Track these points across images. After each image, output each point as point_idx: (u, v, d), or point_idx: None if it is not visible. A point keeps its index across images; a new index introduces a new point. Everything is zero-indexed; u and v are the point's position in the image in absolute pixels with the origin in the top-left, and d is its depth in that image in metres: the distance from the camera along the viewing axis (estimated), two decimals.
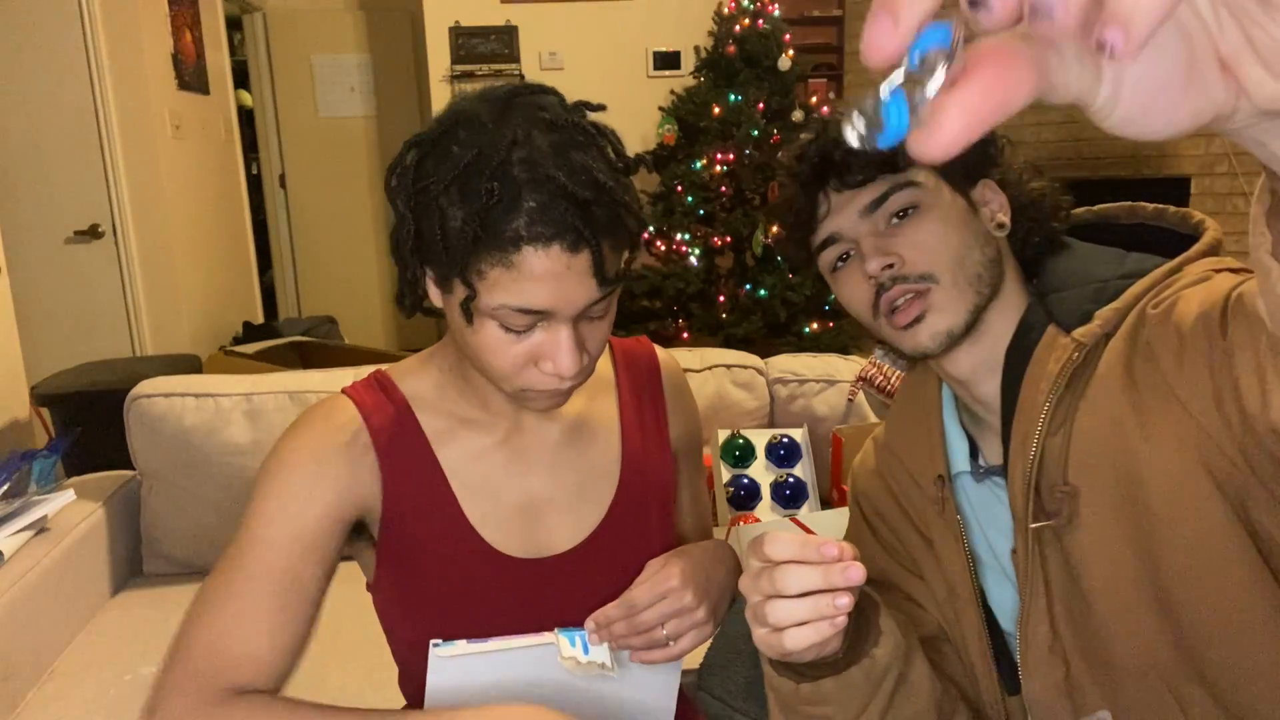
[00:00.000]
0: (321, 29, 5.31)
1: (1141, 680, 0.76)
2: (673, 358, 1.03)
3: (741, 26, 4.36)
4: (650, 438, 0.96)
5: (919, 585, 0.93)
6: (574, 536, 0.90)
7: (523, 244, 0.71)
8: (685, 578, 0.83)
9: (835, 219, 0.86)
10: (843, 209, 0.85)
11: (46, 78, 3.29)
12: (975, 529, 0.89)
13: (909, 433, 0.94)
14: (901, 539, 0.95)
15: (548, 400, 0.82)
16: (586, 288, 0.74)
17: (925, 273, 0.81)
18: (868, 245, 0.83)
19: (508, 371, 0.78)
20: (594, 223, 0.72)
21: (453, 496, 0.87)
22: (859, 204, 0.84)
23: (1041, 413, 0.78)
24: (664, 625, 0.82)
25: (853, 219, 0.85)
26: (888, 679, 0.78)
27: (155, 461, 1.81)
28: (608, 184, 0.73)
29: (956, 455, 0.90)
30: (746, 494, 1.83)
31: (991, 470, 0.87)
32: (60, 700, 1.48)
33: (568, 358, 0.76)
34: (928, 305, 0.81)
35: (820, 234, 0.88)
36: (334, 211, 5.35)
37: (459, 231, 0.71)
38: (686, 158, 4.44)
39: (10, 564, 1.53)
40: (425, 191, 0.74)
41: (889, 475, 0.96)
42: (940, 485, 0.89)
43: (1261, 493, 0.68)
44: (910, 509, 0.94)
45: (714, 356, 1.98)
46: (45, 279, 3.37)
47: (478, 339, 0.77)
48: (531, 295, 0.73)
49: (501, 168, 0.71)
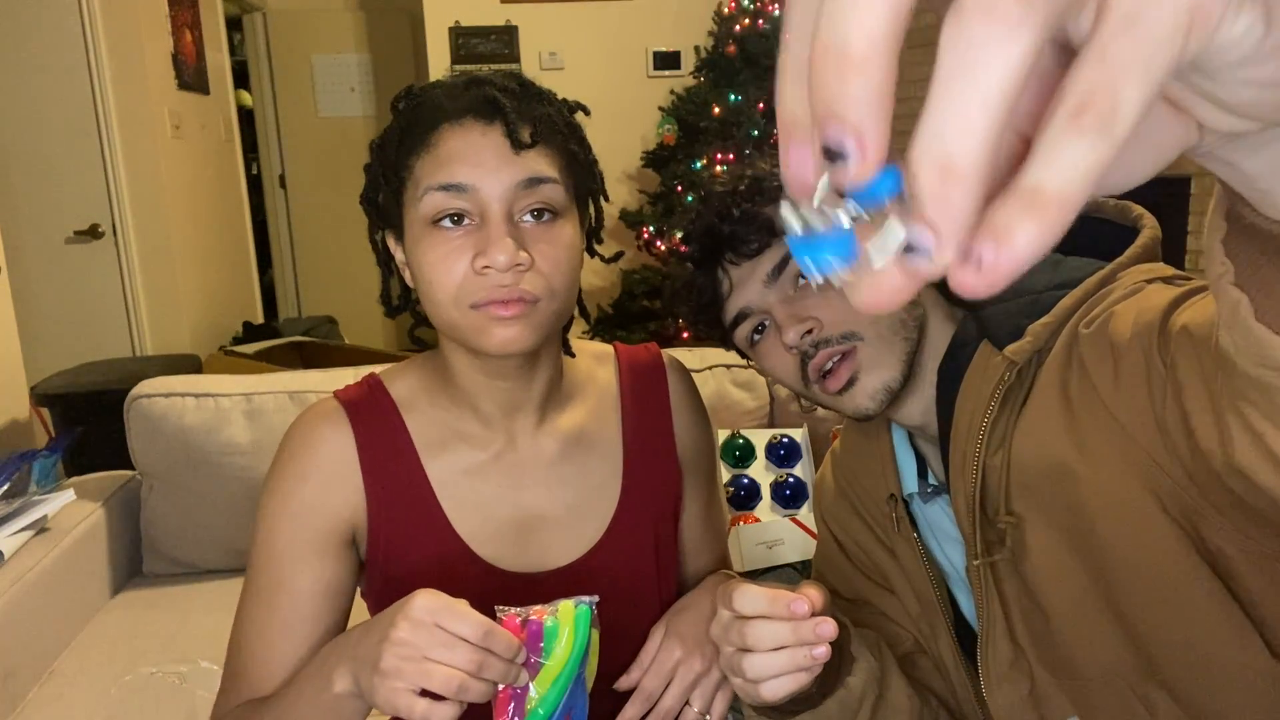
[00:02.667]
0: (321, 29, 5.31)
1: (1106, 686, 0.75)
2: (681, 364, 1.00)
3: (741, 26, 4.36)
4: (654, 450, 0.93)
5: (891, 601, 0.92)
6: (571, 552, 0.88)
7: (440, 123, 0.76)
8: (687, 643, 0.81)
9: (740, 293, 0.82)
10: (745, 281, 0.81)
11: (46, 78, 3.29)
12: (934, 544, 0.88)
13: (861, 451, 0.92)
14: (870, 556, 0.93)
15: (500, 313, 0.75)
16: (505, 160, 0.75)
17: (847, 331, 0.77)
18: (780, 314, 0.79)
19: (450, 285, 0.75)
20: (511, 100, 0.76)
21: (440, 510, 0.86)
22: (760, 273, 0.80)
23: (979, 434, 0.75)
24: (691, 702, 0.80)
25: (758, 289, 0.81)
26: (864, 704, 0.77)
27: (155, 461, 1.81)
28: (534, 84, 0.80)
29: (906, 474, 0.87)
30: (746, 494, 1.83)
31: (938, 489, 0.85)
32: (60, 700, 1.48)
33: (499, 244, 0.73)
34: (858, 365, 0.77)
35: (729, 311, 0.83)
36: (334, 211, 5.34)
37: (392, 145, 0.78)
38: (686, 158, 4.44)
39: (10, 564, 1.53)
40: (379, 152, 0.81)
41: (850, 493, 0.94)
42: (893, 504, 0.87)
43: (1214, 516, 0.66)
44: (875, 525, 0.92)
45: (714, 356, 1.98)
46: (45, 279, 3.36)
47: (421, 257, 0.77)
48: (449, 171, 0.75)
49: (429, 90, 0.79)
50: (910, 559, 0.87)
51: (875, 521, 0.91)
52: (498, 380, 0.85)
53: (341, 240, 5.38)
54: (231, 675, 0.84)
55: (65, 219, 3.39)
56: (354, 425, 0.85)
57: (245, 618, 0.84)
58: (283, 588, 0.83)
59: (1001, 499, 0.76)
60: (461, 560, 0.85)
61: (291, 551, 0.83)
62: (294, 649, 0.82)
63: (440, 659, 0.64)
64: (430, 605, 0.65)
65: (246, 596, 0.85)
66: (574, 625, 0.69)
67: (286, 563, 0.83)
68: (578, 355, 0.94)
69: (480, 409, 0.87)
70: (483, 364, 0.83)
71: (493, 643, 0.65)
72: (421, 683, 0.63)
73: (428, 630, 0.64)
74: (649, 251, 4.56)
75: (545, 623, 0.69)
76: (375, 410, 0.87)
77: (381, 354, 3.83)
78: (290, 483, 0.84)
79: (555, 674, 0.69)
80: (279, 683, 0.80)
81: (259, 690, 0.82)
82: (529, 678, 0.68)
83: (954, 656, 0.86)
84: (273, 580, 0.83)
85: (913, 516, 0.88)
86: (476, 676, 0.64)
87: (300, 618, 0.82)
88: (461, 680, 0.63)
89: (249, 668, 0.83)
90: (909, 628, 0.91)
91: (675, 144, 4.51)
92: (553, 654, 0.69)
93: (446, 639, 0.64)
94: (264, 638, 0.83)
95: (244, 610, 0.85)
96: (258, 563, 0.84)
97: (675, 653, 0.80)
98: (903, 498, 0.87)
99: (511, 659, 0.66)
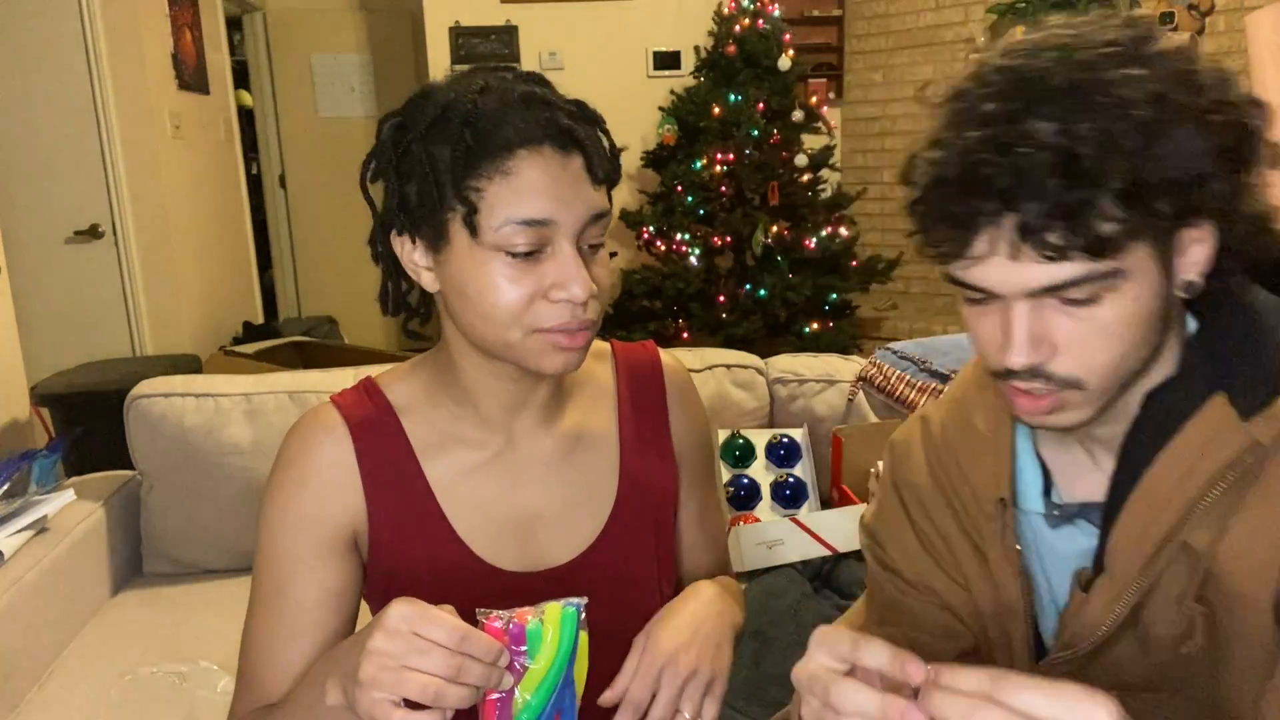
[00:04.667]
0: (321, 29, 5.31)
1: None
2: (678, 361, 0.99)
3: (741, 26, 4.36)
4: (650, 448, 0.93)
5: (959, 595, 0.84)
6: (570, 551, 0.88)
7: (515, 148, 0.73)
8: (673, 647, 0.78)
9: (991, 275, 0.64)
10: (1006, 269, 0.63)
11: (46, 78, 3.29)
12: (1033, 559, 0.80)
13: (972, 441, 0.81)
14: (950, 547, 0.84)
15: (564, 342, 0.77)
16: (583, 194, 0.75)
17: (1073, 378, 0.65)
18: (1019, 329, 0.64)
19: (515, 309, 0.75)
20: (583, 127, 0.75)
21: (440, 511, 0.86)
22: (1031, 280, 0.63)
23: (1182, 508, 0.66)
24: (681, 708, 0.77)
25: (1015, 288, 0.64)
26: None
27: (155, 461, 1.81)
28: (583, 103, 0.78)
29: (1027, 488, 0.78)
30: (746, 494, 1.83)
31: (1070, 513, 0.76)
32: (60, 700, 1.48)
33: (578, 276, 0.74)
34: (1061, 403, 0.67)
35: (960, 270, 0.66)
36: (334, 211, 5.33)
37: (450, 158, 0.74)
38: (686, 158, 4.44)
39: (10, 564, 1.53)
40: (407, 150, 0.76)
41: (944, 476, 0.84)
42: (1002, 510, 0.78)
43: None
44: (965, 519, 0.82)
45: (714, 356, 1.98)
46: (45, 279, 3.36)
47: (481, 279, 0.75)
48: (532, 205, 0.73)
49: (478, 98, 0.74)
50: (1004, 568, 0.79)
51: (968, 516, 0.82)
52: (506, 383, 0.85)
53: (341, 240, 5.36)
54: (243, 681, 0.85)
55: (65, 219, 3.39)
56: (351, 430, 0.86)
57: (252, 624, 0.85)
58: (286, 594, 0.83)
59: (1189, 582, 0.67)
60: (461, 560, 0.85)
61: (292, 558, 0.83)
62: (301, 654, 0.82)
63: (417, 666, 0.63)
64: (405, 613, 0.64)
65: (253, 603, 0.86)
66: (559, 626, 0.68)
67: (288, 569, 0.83)
68: None
69: (482, 409, 0.87)
70: (497, 368, 0.83)
71: (470, 646, 0.64)
72: (399, 691, 0.63)
73: (404, 638, 0.63)
74: (649, 251, 4.56)
75: (529, 625, 0.67)
76: (372, 415, 0.87)
77: (381, 354, 3.83)
78: (288, 490, 0.85)
79: (541, 676, 0.67)
80: (288, 688, 0.81)
81: (269, 696, 0.82)
82: (514, 681, 0.67)
83: (1024, 666, 0.80)
84: (276, 587, 0.84)
85: (1017, 531, 0.79)
86: (456, 681, 0.63)
87: (305, 623, 0.83)
88: (439, 686, 0.63)
89: (258, 674, 0.83)
90: (971, 626, 0.84)
91: (675, 144, 4.51)
92: (537, 656, 0.67)
93: (422, 645, 0.63)
94: (271, 644, 0.83)
95: (251, 617, 0.85)
96: (261, 570, 0.85)
97: (660, 657, 0.77)
98: (1013, 504, 0.78)
99: (492, 662, 0.65)
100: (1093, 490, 0.75)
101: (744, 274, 4.47)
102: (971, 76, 0.65)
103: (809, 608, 1.52)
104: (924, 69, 4.87)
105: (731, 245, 4.43)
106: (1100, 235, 0.59)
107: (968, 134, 0.62)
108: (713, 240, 4.40)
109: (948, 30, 4.76)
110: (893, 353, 1.99)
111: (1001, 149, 0.60)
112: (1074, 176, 0.59)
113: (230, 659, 0.91)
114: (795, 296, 4.31)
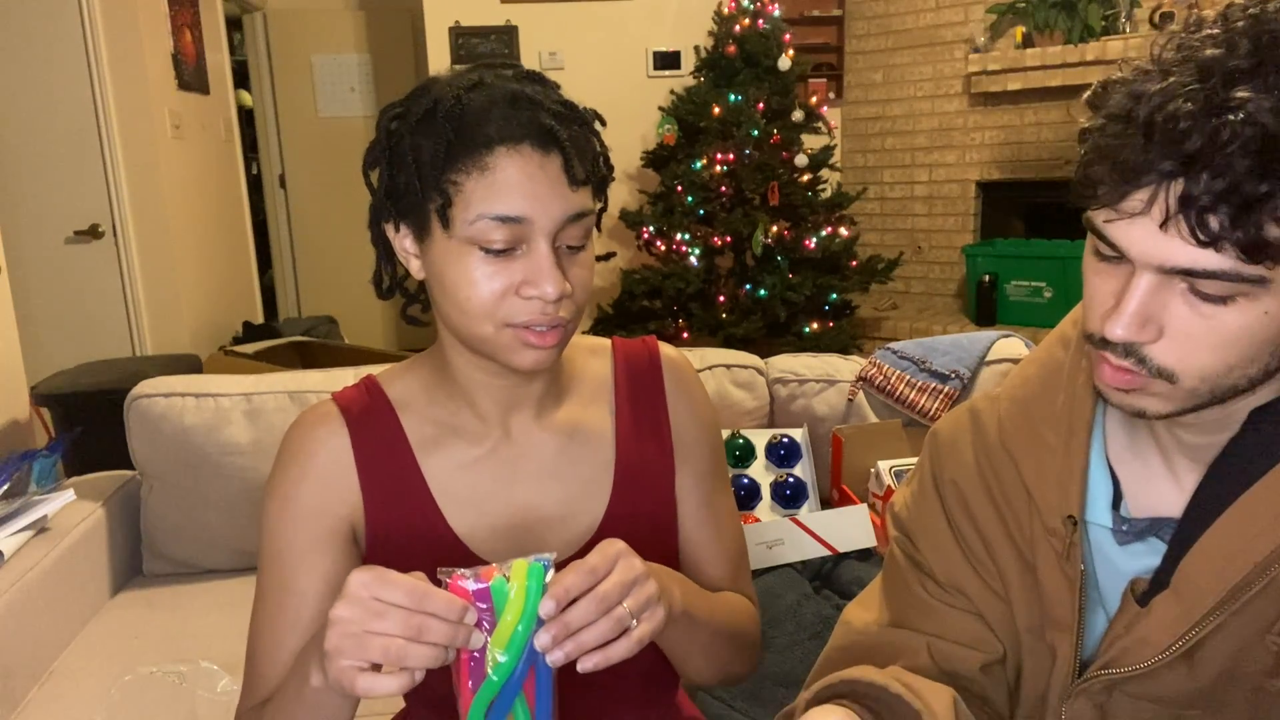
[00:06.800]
0: (321, 29, 5.31)
1: None
2: (680, 354, 0.98)
3: (741, 26, 4.36)
4: (648, 444, 0.93)
5: (996, 606, 0.79)
6: (565, 548, 0.88)
7: (495, 145, 0.75)
8: (630, 549, 0.74)
9: (1133, 236, 0.59)
10: (1150, 236, 0.58)
11: (46, 78, 3.29)
12: (1090, 575, 0.75)
13: (1038, 451, 0.75)
14: (994, 553, 0.79)
15: (534, 340, 0.78)
16: (561, 194, 0.76)
17: (1168, 370, 0.61)
18: (1132, 301, 0.60)
19: (488, 303, 0.77)
20: (566, 128, 0.76)
21: (435, 506, 0.87)
22: (1170, 257, 0.57)
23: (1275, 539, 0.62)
24: (625, 601, 0.71)
25: (1150, 258, 0.59)
26: None
27: (155, 461, 1.81)
28: (573, 103, 0.79)
29: (1094, 500, 0.73)
30: (746, 494, 1.83)
31: (1138, 528, 0.71)
32: (60, 700, 1.48)
33: (550, 275, 0.75)
34: (1144, 388, 0.63)
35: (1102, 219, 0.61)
36: (334, 211, 5.34)
37: (432, 151, 0.75)
38: (686, 158, 4.44)
39: (10, 564, 1.53)
40: (398, 139, 0.78)
41: (995, 479, 0.78)
42: (1070, 529, 0.72)
43: None
44: (1014, 526, 0.77)
45: (714, 356, 1.98)
46: (45, 279, 3.36)
47: (456, 271, 0.77)
48: (507, 202, 0.74)
49: (466, 94, 0.76)
50: (1060, 587, 0.74)
51: (1018, 524, 0.77)
52: (498, 379, 0.86)
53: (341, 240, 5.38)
54: (250, 675, 0.86)
55: (65, 219, 3.39)
56: (349, 426, 0.87)
57: (257, 619, 0.87)
58: (288, 588, 0.85)
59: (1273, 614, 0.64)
60: (456, 556, 0.86)
61: (294, 552, 0.85)
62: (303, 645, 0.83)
63: (377, 629, 0.63)
64: (364, 579, 0.65)
65: (257, 598, 0.87)
66: (525, 581, 0.67)
67: (290, 563, 0.85)
68: (573, 349, 0.94)
69: (478, 405, 0.88)
70: (485, 364, 0.85)
71: (431, 605, 0.63)
72: (363, 656, 0.63)
73: (362, 604, 0.64)
74: (649, 251, 4.56)
75: (493, 582, 0.67)
76: (370, 410, 0.88)
77: (381, 354, 3.83)
78: (288, 486, 0.86)
79: (510, 631, 0.66)
80: None
81: (274, 687, 0.83)
82: (485, 638, 0.66)
83: (1064, 679, 0.76)
84: (278, 581, 0.85)
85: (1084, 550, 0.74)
86: (419, 641, 0.63)
87: (308, 616, 0.84)
88: (399, 647, 0.62)
89: (264, 667, 0.85)
90: (1005, 639, 0.79)
91: (675, 144, 4.51)
92: (504, 611, 0.67)
93: (380, 608, 0.63)
94: (275, 637, 0.85)
95: (256, 612, 0.87)
96: (264, 565, 0.86)
97: (619, 544, 0.73)
98: (1081, 523, 0.73)
99: (456, 620, 0.64)
100: (1166, 505, 0.70)
101: (744, 274, 4.47)
102: (1218, 13, 0.58)
103: (809, 608, 1.52)
104: (924, 69, 4.87)
105: (731, 245, 4.43)
106: (1264, 238, 0.54)
107: (1177, 79, 0.55)
108: (713, 240, 4.40)
109: (948, 30, 4.76)
110: (893, 353, 1.98)
111: (1208, 108, 0.53)
112: (1270, 164, 0.53)
113: (230, 658, 0.91)
114: (795, 296, 4.31)
